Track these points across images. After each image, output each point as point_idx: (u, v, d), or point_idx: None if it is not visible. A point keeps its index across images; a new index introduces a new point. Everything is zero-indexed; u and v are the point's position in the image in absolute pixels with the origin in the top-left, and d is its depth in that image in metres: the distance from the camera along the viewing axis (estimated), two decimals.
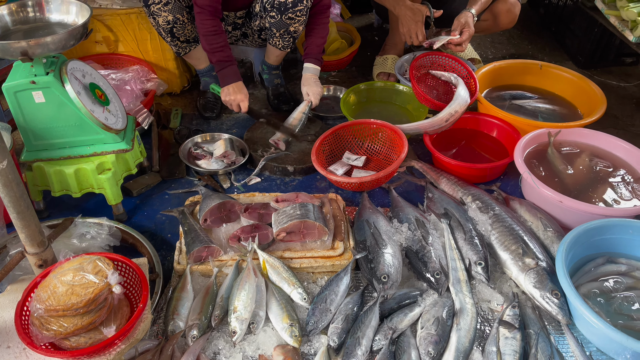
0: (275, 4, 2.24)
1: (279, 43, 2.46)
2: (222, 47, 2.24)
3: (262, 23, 2.42)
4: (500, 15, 2.70)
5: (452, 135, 2.45)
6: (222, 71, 2.30)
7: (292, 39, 2.44)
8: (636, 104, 2.82)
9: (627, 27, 2.58)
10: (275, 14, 2.27)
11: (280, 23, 2.31)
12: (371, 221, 1.90)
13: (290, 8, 2.24)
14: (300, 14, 2.29)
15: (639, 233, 1.79)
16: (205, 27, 2.19)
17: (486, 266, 1.77)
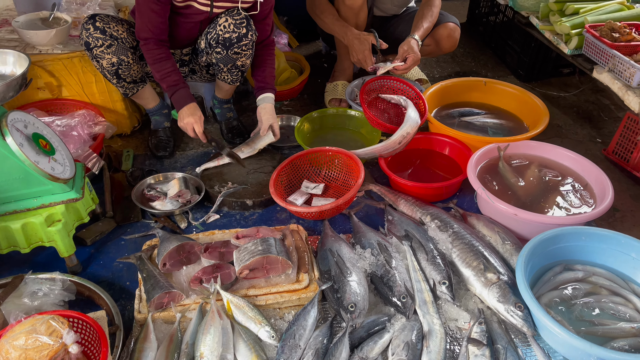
0: (220, 40, 2.24)
1: (227, 77, 2.45)
2: (170, 71, 2.23)
3: (208, 59, 2.42)
4: (441, 40, 2.79)
5: (407, 156, 2.49)
6: (174, 95, 2.28)
7: (240, 72, 2.44)
8: (576, 113, 2.95)
9: (561, 40, 2.71)
10: (221, 50, 2.27)
11: (226, 58, 2.31)
12: (334, 249, 1.90)
13: (236, 43, 2.25)
14: (246, 48, 2.30)
15: (591, 239, 1.85)
16: (152, 55, 2.19)
17: (450, 285, 1.79)
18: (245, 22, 2.23)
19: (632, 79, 2.23)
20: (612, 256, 1.84)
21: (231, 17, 2.21)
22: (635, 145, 2.34)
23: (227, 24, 2.21)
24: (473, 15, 3.84)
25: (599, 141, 2.71)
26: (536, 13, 2.90)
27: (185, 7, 2.19)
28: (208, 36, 2.29)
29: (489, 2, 3.55)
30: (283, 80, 2.97)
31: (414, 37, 2.59)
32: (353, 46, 2.60)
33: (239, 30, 2.22)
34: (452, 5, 4.32)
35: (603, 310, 1.72)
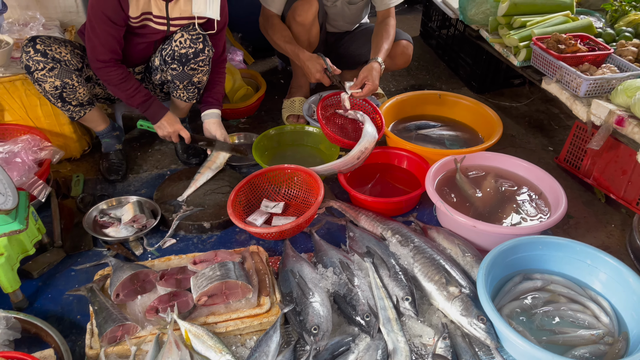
0: (175, 56, 2.20)
1: (183, 95, 2.40)
2: (136, 89, 2.21)
3: (163, 77, 2.36)
4: (395, 57, 2.83)
5: (366, 171, 2.49)
6: (148, 110, 2.27)
7: (197, 89, 2.39)
8: (528, 122, 3.02)
9: (511, 52, 2.77)
10: (177, 66, 2.23)
11: (182, 75, 2.26)
12: (295, 270, 1.86)
13: (192, 59, 2.21)
14: (203, 64, 2.26)
15: (548, 248, 1.88)
16: (114, 77, 2.14)
17: (413, 301, 1.78)
18: (202, 37, 2.21)
19: (579, 89, 2.30)
20: (569, 264, 1.88)
21: (187, 32, 2.18)
22: (585, 153, 2.41)
23: (183, 39, 2.18)
24: (426, 28, 3.91)
25: (550, 149, 2.79)
26: (486, 26, 2.97)
27: (141, 27, 2.15)
28: (163, 53, 2.25)
29: (441, 16, 3.62)
30: (239, 97, 2.93)
31: (377, 61, 2.53)
32: (306, 67, 2.61)
33: (196, 45, 2.20)
34: (405, 19, 4.39)
35: (563, 318, 1.74)
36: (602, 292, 1.81)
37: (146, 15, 2.11)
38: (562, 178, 2.50)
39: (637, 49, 2.46)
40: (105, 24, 2.02)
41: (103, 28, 2.03)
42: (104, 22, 2.01)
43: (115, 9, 2.00)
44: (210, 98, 2.44)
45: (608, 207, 2.38)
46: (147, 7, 2.09)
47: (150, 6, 2.09)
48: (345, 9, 2.81)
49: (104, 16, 2.00)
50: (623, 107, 2.15)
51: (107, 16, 2.00)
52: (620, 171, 2.23)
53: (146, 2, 2.07)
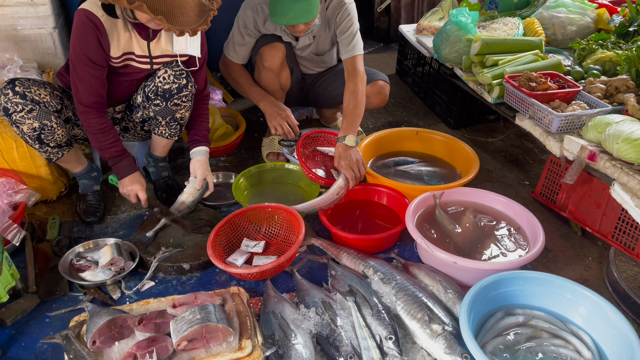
0: (159, 91, 2.22)
1: (165, 132, 2.40)
2: (112, 143, 2.19)
3: (145, 113, 2.37)
4: (371, 97, 2.86)
5: (347, 208, 2.50)
6: (117, 165, 2.24)
7: (179, 126, 2.40)
8: (504, 157, 3.09)
9: (484, 90, 2.86)
10: (160, 102, 2.25)
11: (165, 110, 2.28)
12: (277, 311, 1.84)
13: (176, 94, 2.24)
14: (186, 99, 2.29)
15: (528, 283, 1.90)
16: (92, 126, 2.13)
17: (397, 340, 1.77)
18: (185, 73, 2.24)
19: (551, 125, 2.37)
20: (549, 298, 1.89)
21: (170, 68, 2.22)
22: (560, 187, 2.46)
23: (167, 75, 2.21)
24: (402, 66, 4.01)
25: (527, 184, 2.84)
26: (459, 65, 3.06)
27: (124, 67, 2.16)
28: (146, 89, 2.27)
29: (416, 54, 3.73)
30: (219, 136, 2.94)
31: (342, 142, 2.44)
32: (271, 114, 2.68)
33: (179, 81, 2.23)
34: (381, 57, 4.51)
35: (545, 354, 1.74)
36: (583, 327, 1.82)
37: (128, 55, 2.13)
38: (539, 212, 2.54)
39: (605, 86, 2.56)
40: (87, 66, 2.02)
41: (85, 70, 2.03)
42: (85, 64, 2.02)
43: (96, 50, 2.01)
44: (196, 136, 2.43)
45: (585, 240, 2.42)
46: (128, 47, 2.11)
47: (132, 46, 2.11)
48: (313, 57, 2.87)
49: (85, 58, 2.01)
50: (594, 143, 2.22)
51: (89, 57, 2.01)
52: (595, 205, 2.28)
53: (127, 42, 2.09)
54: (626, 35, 3.06)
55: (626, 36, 3.06)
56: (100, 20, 1.97)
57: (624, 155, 2.03)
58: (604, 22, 3.28)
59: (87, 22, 1.96)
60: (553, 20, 3.28)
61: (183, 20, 1.88)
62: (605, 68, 2.80)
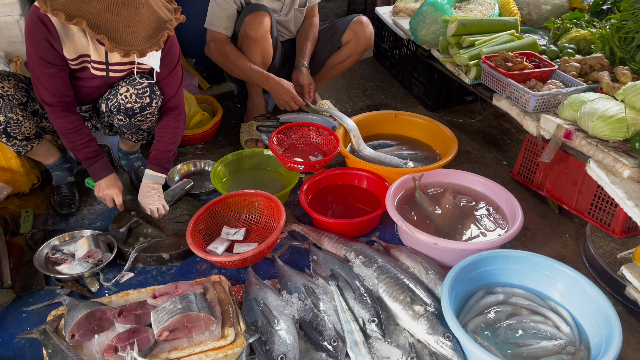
0: (121, 109, 2.11)
1: (132, 138, 2.35)
2: (85, 143, 2.08)
3: (110, 120, 2.27)
4: (359, 31, 2.94)
5: (327, 193, 2.49)
6: (91, 167, 2.14)
7: (147, 134, 2.34)
8: (482, 138, 3.11)
9: (462, 71, 2.85)
10: (123, 118, 2.15)
11: (130, 125, 2.19)
12: (259, 298, 1.83)
13: (139, 113, 2.13)
14: (151, 115, 2.18)
15: (508, 261, 1.92)
16: (61, 125, 2.03)
17: (380, 322, 1.77)
18: (149, 90, 2.09)
19: (528, 104, 2.38)
20: (528, 276, 1.91)
21: (132, 86, 2.07)
22: (537, 166, 2.49)
23: (129, 94, 2.07)
24: (379, 49, 3.99)
25: (505, 164, 2.87)
26: (436, 46, 3.05)
27: (81, 70, 2.03)
28: (108, 102, 2.14)
29: (393, 37, 3.71)
30: (195, 123, 2.89)
31: (303, 66, 2.88)
32: (278, 91, 2.73)
33: (142, 100, 2.10)
34: None
35: (526, 330, 1.76)
36: (561, 302, 1.85)
37: (84, 58, 1.99)
38: (517, 191, 2.57)
39: (580, 65, 2.57)
40: (42, 66, 1.91)
41: (40, 70, 1.92)
42: (40, 63, 1.90)
43: (47, 49, 1.88)
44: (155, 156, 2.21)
45: (562, 217, 2.46)
46: (84, 50, 1.95)
47: (88, 49, 1.95)
48: (297, 14, 2.92)
49: (37, 57, 1.89)
50: (570, 121, 2.24)
51: (41, 57, 1.89)
52: (571, 182, 2.31)
53: (84, 45, 1.94)
54: (600, 14, 3.08)
55: (600, 14, 3.08)
56: (50, 20, 1.84)
57: (599, 133, 2.06)
58: (578, 1, 3.30)
59: (37, 20, 1.83)
60: (528, 0, 3.29)
61: (131, 40, 1.73)
62: (580, 47, 2.82)
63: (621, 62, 2.53)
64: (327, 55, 3.06)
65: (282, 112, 3.01)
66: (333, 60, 3.07)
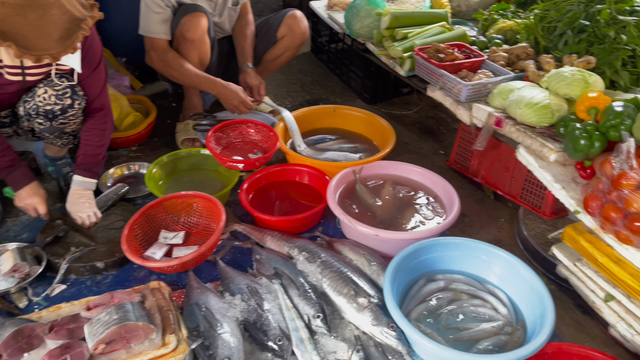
0: (40, 112, 1.99)
1: (57, 142, 2.22)
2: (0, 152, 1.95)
3: (30, 125, 2.13)
4: (294, 26, 2.91)
5: (268, 191, 2.46)
6: (9, 176, 2.00)
7: (73, 137, 2.22)
8: (419, 128, 3.17)
9: (397, 63, 2.89)
10: (44, 121, 2.02)
11: (51, 128, 2.07)
12: (201, 302, 1.78)
13: (60, 115, 2.01)
14: (74, 117, 2.07)
15: (446, 248, 1.96)
16: None
17: (324, 317, 1.77)
18: (70, 91, 1.98)
19: (460, 94, 2.44)
20: (467, 261, 1.97)
21: (51, 87, 1.95)
22: (472, 154, 2.56)
23: (47, 95, 1.95)
24: (316, 44, 3.98)
25: (442, 153, 2.93)
26: (371, 39, 3.08)
27: None
28: (26, 105, 2.01)
29: (329, 31, 3.71)
30: (128, 124, 2.78)
31: (249, 67, 2.83)
32: (227, 95, 2.66)
33: (62, 102, 1.98)
34: None
35: (466, 314, 1.81)
36: (498, 285, 1.92)
37: None
38: (454, 179, 2.64)
39: (507, 54, 2.66)
40: None
41: None
42: None
43: None
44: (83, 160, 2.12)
45: (497, 202, 2.54)
46: None
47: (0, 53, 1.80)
48: (231, 13, 2.86)
49: None
50: (500, 109, 2.31)
51: None
52: (504, 168, 2.39)
53: None
54: (524, 5, 3.20)
55: (524, 5, 3.20)
56: None
57: (527, 120, 2.14)
58: None
59: None
60: None
61: (42, 44, 1.61)
62: (507, 37, 2.92)
63: (545, 50, 2.64)
64: (263, 50, 3.02)
65: (219, 110, 2.94)
66: (269, 55, 3.03)
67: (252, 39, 2.94)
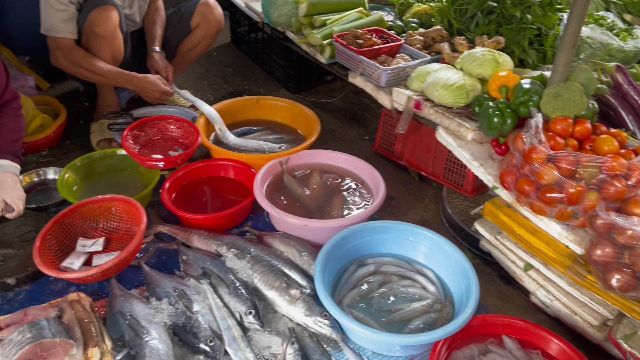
0: None
1: None
2: None
3: None
4: (207, 14, 2.84)
5: (192, 188, 2.38)
6: None
7: None
8: (344, 115, 3.18)
9: (317, 51, 2.87)
10: None
11: None
12: (125, 310, 1.69)
13: None
14: None
15: (375, 232, 1.98)
16: None
17: (257, 313, 1.74)
18: None
19: (380, 79, 2.46)
20: (395, 243, 2.00)
21: None
22: (395, 137, 2.60)
23: None
24: (236, 34, 3.89)
25: (367, 138, 2.96)
26: (290, 28, 3.04)
27: None
28: None
29: (248, 20, 3.63)
30: (35, 128, 2.58)
31: (155, 51, 2.74)
32: (146, 89, 2.58)
33: None
34: None
35: (397, 296, 1.84)
36: (426, 264, 1.96)
37: None
38: (380, 164, 2.67)
39: (423, 38, 2.72)
40: None
41: None
42: None
43: None
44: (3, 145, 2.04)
45: (422, 184, 2.60)
46: None
47: None
48: (141, 4, 2.76)
49: None
50: (419, 92, 2.36)
51: None
52: (426, 150, 2.45)
53: None
54: None
55: None
56: None
57: (444, 101, 2.19)
58: None
59: None
60: None
61: None
62: (422, 20, 2.98)
63: (458, 32, 2.72)
64: (178, 41, 2.91)
65: (136, 107, 2.81)
66: (185, 45, 2.92)
67: (161, 23, 2.83)
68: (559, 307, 1.82)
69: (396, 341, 1.58)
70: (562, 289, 1.80)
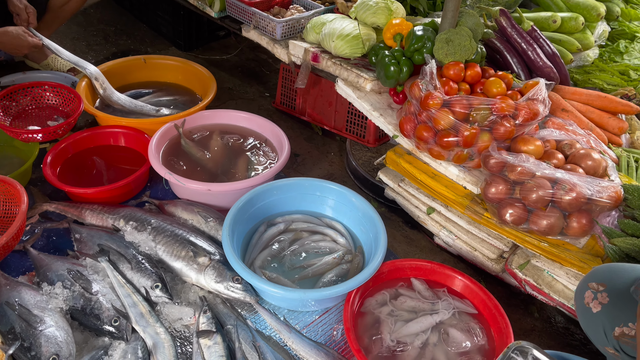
0: None
1: None
2: None
3: None
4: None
5: (79, 160, 2.17)
6: None
7: None
8: (242, 72, 3.05)
9: (206, 4, 2.69)
10: None
11: None
12: (12, 300, 1.53)
13: None
14: None
15: (282, 191, 1.95)
16: None
17: (164, 286, 1.66)
18: None
19: (275, 32, 2.37)
20: (303, 200, 1.98)
21: None
22: (296, 92, 2.54)
23: None
24: None
25: (267, 95, 2.87)
26: None
27: None
28: None
29: None
30: None
31: None
32: (9, 43, 2.31)
33: None
34: None
35: (308, 252, 1.83)
36: (334, 217, 1.97)
37: None
38: (282, 120, 2.61)
39: None
40: None
41: None
42: None
43: None
44: None
45: (326, 138, 2.59)
46: None
47: None
48: None
49: None
50: (315, 44, 2.30)
51: None
52: (327, 104, 2.42)
53: None
54: None
55: None
56: None
57: (341, 52, 2.15)
58: None
59: None
60: None
61: None
62: None
63: None
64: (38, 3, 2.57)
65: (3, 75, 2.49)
66: (56, 1, 2.61)
67: None
68: (460, 245, 1.92)
69: (310, 297, 1.58)
70: (462, 227, 1.89)
